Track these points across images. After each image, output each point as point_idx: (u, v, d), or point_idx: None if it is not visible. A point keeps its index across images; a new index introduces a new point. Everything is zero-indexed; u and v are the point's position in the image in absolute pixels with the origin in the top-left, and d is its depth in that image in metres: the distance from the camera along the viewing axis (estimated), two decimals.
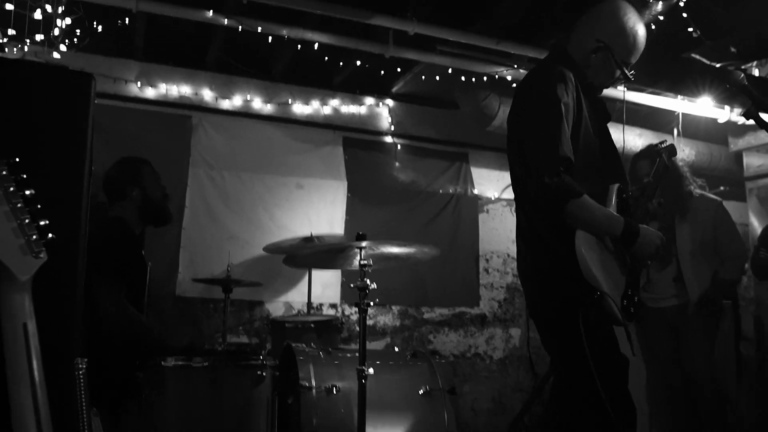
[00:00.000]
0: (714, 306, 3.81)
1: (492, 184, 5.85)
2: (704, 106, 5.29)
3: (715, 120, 5.48)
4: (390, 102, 5.58)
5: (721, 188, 6.51)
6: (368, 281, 2.96)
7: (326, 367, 3.13)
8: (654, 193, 2.77)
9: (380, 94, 5.54)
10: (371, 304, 2.95)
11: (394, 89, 5.51)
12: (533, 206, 2.34)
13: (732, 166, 6.16)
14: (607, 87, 2.53)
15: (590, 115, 2.39)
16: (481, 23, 4.41)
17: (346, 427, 2.96)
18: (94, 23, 4.21)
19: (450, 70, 4.82)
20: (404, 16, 4.19)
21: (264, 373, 2.74)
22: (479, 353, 5.42)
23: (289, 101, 5.25)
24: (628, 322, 2.30)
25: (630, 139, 5.67)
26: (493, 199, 5.77)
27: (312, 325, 3.78)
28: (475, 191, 5.69)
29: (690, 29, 3.90)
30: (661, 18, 3.88)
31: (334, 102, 5.41)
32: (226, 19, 4.15)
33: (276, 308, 4.90)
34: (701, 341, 3.79)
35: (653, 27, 3.89)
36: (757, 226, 5.87)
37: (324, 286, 4.97)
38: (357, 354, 2.86)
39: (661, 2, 3.84)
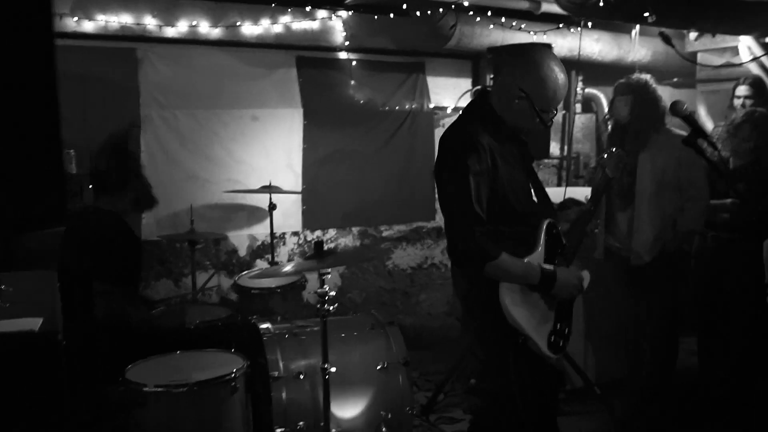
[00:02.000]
0: (672, 264, 3.81)
1: (448, 92, 5.83)
2: None
3: None
4: (343, 14, 5.33)
5: (674, 80, 6.61)
6: (327, 287, 3.15)
7: (292, 351, 3.43)
8: (590, 218, 2.95)
9: (333, 5, 5.29)
10: (330, 309, 3.15)
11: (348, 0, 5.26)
12: (454, 263, 2.59)
13: (686, 66, 6.17)
14: (525, 131, 2.66)
15: (514, 162, 2.59)
16: None
17: (313, 404, 3.34)
18: None
19: None
20: None
21: (237, 385, 3.02)
22: (435, 263, 5.80)
23: (238, 23, 5.00)
24: (556, 356, 2.63)
25: (587, 45, 5.62)
26: (449, 109, 5.79)
27: (278, 290, 4.03)
28: (431, 105, 5.70)
29: None
30: None
31: (285, 18, 5.15)
32: None
33: (240, 241, 5.11)
34: (660, 303, 3.84)
35: None
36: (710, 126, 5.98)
37: (285, 216, 5.14)
38: (319, 318, 3.09)
39: None
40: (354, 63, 5.42)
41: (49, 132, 1.19)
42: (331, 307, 3.18)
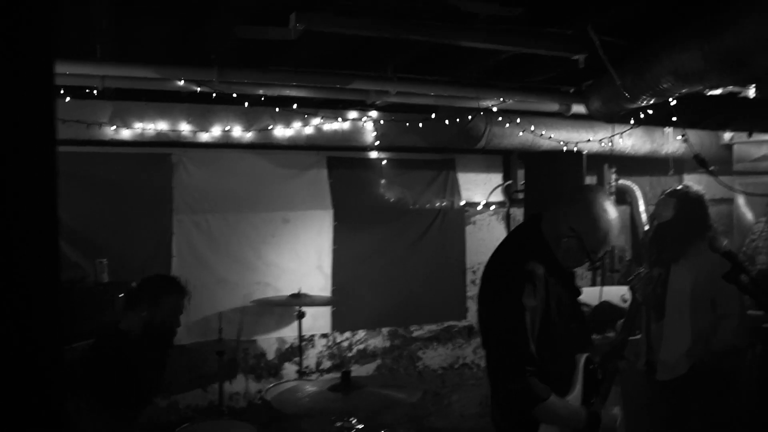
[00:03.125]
0: (707, 383, 3.58)
1: (479, 188, 5.81)
2: None
3: None
4: (374, 113, 5.40)
5: (711, 168, 6.50)
6: (353, 421, 3.06)
7: None
8: (623, 349, 2.83)
9: (363, 106, 5.36)
10: None
11: (378, 101, 5.33)
12: (499, 407, 2.46)
13: (722, 154, 6.08)
14: (573, 269, 2.56)
15: (561, 297, 2.47)
16: (459, 69, 4.21)
17: None
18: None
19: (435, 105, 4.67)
20: (384, 77, 4.00)
21: None
22: (467, 363, 5.65)
23: (270, 126, 5.09)
24: None
25: (619, 139, 5.58)
26: (480, 205, 5.76)
27: None
28: (462, 202, 5.67)
29: None
30: None
31: (316, 120, 5.24)
32: (198, 88, 3.97)
33: (269, 345, 5.06)
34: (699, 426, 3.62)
35: None
36: (751, 218, 5.84)
37: (314, 318, 5.09)
38: None
39: None
40: (384, 162, 5.45)
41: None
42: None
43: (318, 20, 2.83)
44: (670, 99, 3.14)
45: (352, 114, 5.32)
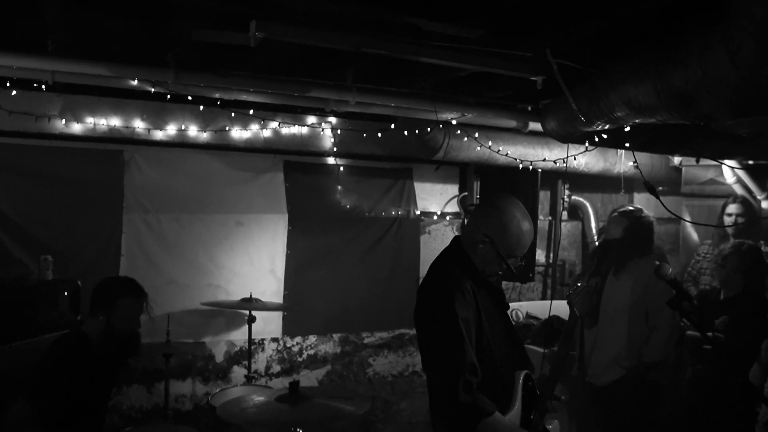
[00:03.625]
0: (637, 393, 3.82)
1: (435, 198, 5.85)
2: None
3: None
4: (333, 120, 5.36)
5: (660, 188, 6.66)
6: None
7: None
8: (557, 379, 2.88)
9: (322, 113, 5.33)
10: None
11: (336, 109, 5.30)
12: (441, 417, 2.47)
13: (672, 175, 6.24)
14: (493, 277, 2.64)
15: (490, 309, 2.54)
16: (418, 81, 4.21)
17: None
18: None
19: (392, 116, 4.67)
20: (344, 86, 3.98)
21: None
22: (416, 371, 5.68)
23: (227, 127, 5.02)
24: None
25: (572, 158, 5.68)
26: (436, 216, 5.79)
27: None
28: (418, 211, 5.70)
29: None
30: None
31: (274, 124, 5.18)
32: (152, 88, 3.88)
33: (218, 348, 5.00)
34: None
35: None
36: (696, 239, 5.99)
37: (265, 322, 5.05)
38: None
39: None
40: (342, 168, 5.43)
41: None
42: None
43: (278, 30, 2.80)
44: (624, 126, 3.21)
45: (311, 119, 5.28)
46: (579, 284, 3.50)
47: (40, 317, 4.03)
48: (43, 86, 3.91)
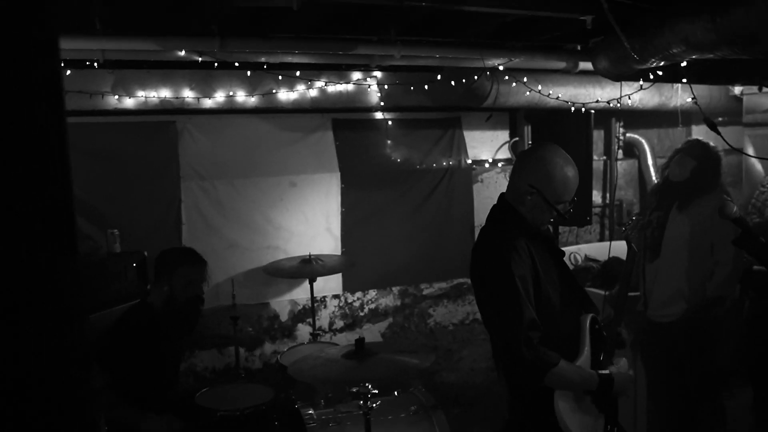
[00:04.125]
0: (700, 328, 3.78)
1: (486, 146, 5.78)
2: None
3: None
4: (378, 74, 5.32)
5: (720, 119, 6.42)
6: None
7: None
8: (620, 321, 2.86)
9: (367, 68, 5.29)
10: (373, 406, 3.11)
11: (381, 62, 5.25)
12: (508, 373, 2.51)
13: (732, 105, 6.00)
14: (545, 226, 2.64)
15: (546, 262, 2.55)
16: (464, 31, 4.13)
17: None
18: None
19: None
20: (388, 41, 3.93)
21: None
22: (477, 318, 5.72)
23: (274, 90, 5.04)
24: None
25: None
26: (488, 163, 5.74)
27: None
28: (469, 160, 5.65)
29: None
30: None
31: (320, 83, 5.18)
32: (199, 57, 3.92)
33: (282, 307, 5.14)
34: (693, 369, 3.81)
35: None
36: (760, 170, 5.77)
37: (326, 279, 5.13)
38: (362, 412, 3.07)
39: None
40: (390, 122, 5.41)
41: None
42: (374, 405, 3.16)
43: None
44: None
45: (357, 76, 5.25)
46: (633, 218, 3.43)
47: (112, 289, 4.22)
48: (95, 64, 3.97)
